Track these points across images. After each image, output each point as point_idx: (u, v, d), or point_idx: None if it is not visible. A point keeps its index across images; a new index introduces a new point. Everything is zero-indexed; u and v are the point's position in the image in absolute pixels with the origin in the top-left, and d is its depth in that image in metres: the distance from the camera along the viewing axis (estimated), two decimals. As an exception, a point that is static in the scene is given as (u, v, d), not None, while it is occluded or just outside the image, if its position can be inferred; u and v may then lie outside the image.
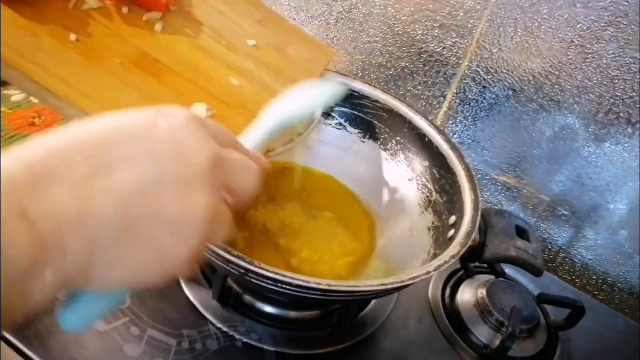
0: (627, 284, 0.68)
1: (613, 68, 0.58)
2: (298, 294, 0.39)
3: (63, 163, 0.21)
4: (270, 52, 0.53)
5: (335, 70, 0.63)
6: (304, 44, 0.58)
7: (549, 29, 0.59)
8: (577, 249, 0.70)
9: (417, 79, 0.71)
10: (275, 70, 0.52)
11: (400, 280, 0.40)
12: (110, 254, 0.22)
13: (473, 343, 0.56)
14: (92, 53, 0.41)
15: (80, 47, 0.41)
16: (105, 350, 0.44)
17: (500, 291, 0.58)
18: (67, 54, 0.40)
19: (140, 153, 0.23)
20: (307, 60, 0.57)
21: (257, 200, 0.57)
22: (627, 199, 0.64)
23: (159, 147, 0.23)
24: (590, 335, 0.61)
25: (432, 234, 0.53)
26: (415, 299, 0.58)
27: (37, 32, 0.39)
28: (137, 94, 0.39)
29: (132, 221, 0.22)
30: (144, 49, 0.44)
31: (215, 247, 0.37)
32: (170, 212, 0.23)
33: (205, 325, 0.48)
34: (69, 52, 0.40)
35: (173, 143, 0.24)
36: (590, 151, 0.63)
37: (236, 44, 0.51)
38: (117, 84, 0.41)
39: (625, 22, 0.56)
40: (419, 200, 0.57)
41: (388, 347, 0.53)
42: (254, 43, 0.53)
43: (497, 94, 0.66)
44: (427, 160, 0.58)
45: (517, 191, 0.70)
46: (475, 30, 0.64)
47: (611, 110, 0.60)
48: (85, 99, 0.38)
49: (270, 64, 0.52)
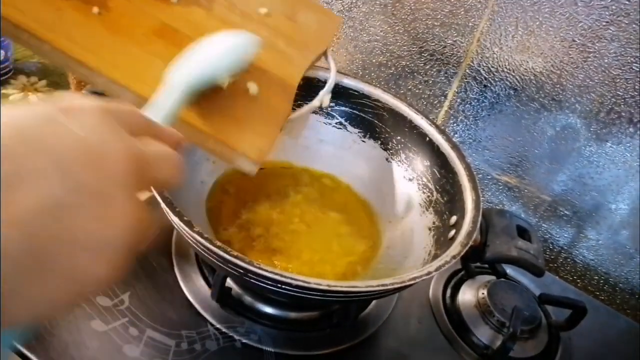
0: (629, 284, 0.68)
1: (615, 67, 0.58)
2: (298, 294, 0.39)
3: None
4: (282, 20, 0.54)
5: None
6: (312, 11, 0.59)
7: (550, 28, 0.59)
8: (578, 249, 0.70)
9: (418, 78, 0.71)
10: (288, 37, 0.53)
11: (400, 281, 0.40)
12: (14, 287, 0.18)
13: (474, 344, 0.55)
14: (115, 25, 0.42)
15: (103, 20, 0.42)
16: (104, 351, 0.44)
17: (501, 292, 0.58)
18: (92, 26, 0.41)
19: (45, 165, 0.19)
20: (317, 26, 0.57)
21: (255, 202, 0.57)
22: (628, 199, 0.64)
23: (67, 155, 0.20)
24: (592, 336, 0.61)
25: (433, 234, 0.53)
26: (416, 300, 0.58)
27: (61, 6, 0.40)
28: (162, 63, 0.40)
29: (41, 248, 0.18)
30: (163, 20, 0.45)
31: (215, 248, 0.37)
32: (86, 232, 0.20)
33: (204, 326, 0.48)
34: (94, 25, 0.41)
35: (83, 148, 0.20)
36: (592, 151, 0.63)
37: (249, 13, 0.52)
38: (142, 54, 0.42)
39: (626, 21, 0.55)
40: (419, 200, 0.57)
41: (388, 348, 0.52)
42: (266, 11, 0.53)
43: (498, 93, 0.66)
44: (428, 159, 0.57)
45: (519, 191, 0.70)
46: (476, 29, 0.63)
47: (613, 110, 0.60)
48: (115, 69, 0.39)
49: (283, 31, 0.53)
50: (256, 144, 0.42)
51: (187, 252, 0.54)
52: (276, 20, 0.54)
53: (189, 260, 0.54)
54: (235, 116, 0.43)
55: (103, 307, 0.47)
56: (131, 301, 0.48)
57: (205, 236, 0.38)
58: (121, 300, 0.48)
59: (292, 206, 0.58)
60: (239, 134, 0.42)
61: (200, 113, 0.41)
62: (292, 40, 0.53)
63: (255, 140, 0.42)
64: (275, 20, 0.54)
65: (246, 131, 0.43)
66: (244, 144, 0.42)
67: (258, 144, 0.42)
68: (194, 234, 0.37)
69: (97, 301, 0.47)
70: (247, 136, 0.42)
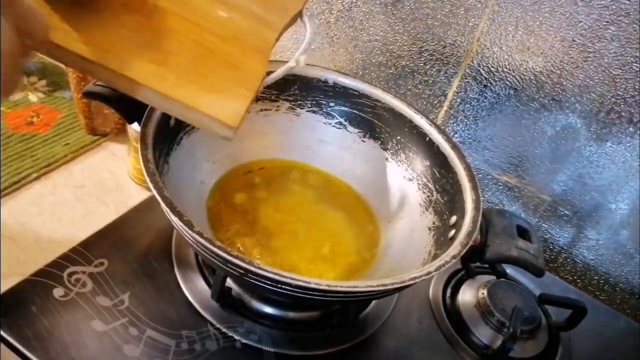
0: (629, 284, 0.68)
1: (615, 67, 0.58)
2: (298, 294, 0.39)
3: None
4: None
5: (335, 69, 0.62)
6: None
7: (550, 27, 0.59)
8: (578, 249, 0.70)
9: (418, 77, 0.71)
10: (264, 0, 0.51)
11: (400, 281, 0.40)
12: None
13: (474, 344, 0.55)
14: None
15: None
16: (104, 351, 0.44)
17: (501, 292, 0.58)
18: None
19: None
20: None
21: (255, 202, 0.57)
22: (629, 199, 0.64)
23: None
24: (592, 336, 0.61)
25: (433, 234, 0.53)
26: (416, 300, 0.58)
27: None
28: (129, 32, 0.39)
29: None
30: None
31: (215, 248, 0.37)
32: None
33: (204, 326, 0.48)
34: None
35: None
36: (592, 151, 0.63)
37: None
38: (115, 27, 0.40)
39: (627, 21, 0.55)
40: (419, 200, 0.57)
41: (388, 348, 0.52)
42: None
43: (498, 93, 0.66)
44: (428, 159, 0.57)
45: (519, 191, 0.70)
46: (476, 29, 0.63)
47: (613, 110, 0.60)
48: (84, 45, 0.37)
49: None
50: (230, 106, 0.41)
51: (187, 252, 0.54)
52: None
53: (189, 260, 0.54)
54: (205, 75, 0.42)
55: (103, 307, 0.47)
56: (131, 301, 0.48)
57: (205, 236, 0.38)
58: (121, 300, 0.48)
59: (292, 205, 0.58)
60: (210, 96, 0.40)
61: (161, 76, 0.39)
62: (269, 3, 0.51)
63: (228, 103, 0.41)
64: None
65: (219, 93, 0.41)
66: (217, 107, 0.40)
67: (232, 107, 0.41)
68: (194, 234, 0.37)
69: (97, 301, 0.47)
70: (220, 99, 0.41)
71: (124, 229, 0.56)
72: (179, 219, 0.38)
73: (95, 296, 0.48)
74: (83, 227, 0.59)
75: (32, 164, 0.66)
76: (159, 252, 0.54)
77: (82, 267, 0.50)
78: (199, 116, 0.40)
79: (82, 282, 0.49)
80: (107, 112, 0.72)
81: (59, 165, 0.68)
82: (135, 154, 0.65)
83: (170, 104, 0.39)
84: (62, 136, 0.72)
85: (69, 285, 0.48)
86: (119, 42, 0.39)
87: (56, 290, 0.47)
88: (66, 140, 0.72)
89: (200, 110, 0.39)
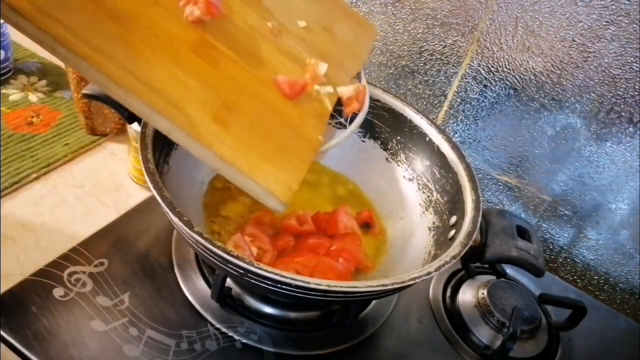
0: (629, 284, 0.68)
1: (614, 67, 0.58)
2: (298, 294, 0.39)
3: None
4: (319, 34, 0.52)
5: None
6: (349, 20, 0.57)
7: (550, 27, 0.59)
8: (578, 249, 0.70)
9: (418, 77, 0.71)
10: (323, 55, 0.51)
11: (400, 281, 0.40)
12: None
13: (474, 344, 0.55)
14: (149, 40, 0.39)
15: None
16: (105, 351, 0.44)
17: (501, 292, 0.58)
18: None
19: None
20: (353, 41, 0.56)
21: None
22: (628, 199, 0.64)
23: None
24: (592, 336, 0.61)
25: (433, 234, 0.53)
26: (416, 300, 0.58)
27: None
28: (197, 83, 0.39)
29: None
30: (202, 33, 0.43)
31: (215, 248, 0.37)
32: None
33: (204, 326, 0.48)
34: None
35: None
36: (592, 151, 0.63)
37: (288, 27, 0.50)
38: (178, 73, 0.39)
39: (626, 21, 0.55)
40: (419, 200, 0.57)
41: (389, 348, 0.52)
42: (305, 25, 0.51)
43: (498, 93, 0.66)
44: (428, 159, 0.57)
45: (519, 191, 0.70)
46: (476, 29, 0.63)
47: (613, 110, 0.60)
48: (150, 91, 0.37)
49: (319, 48, 0.51)
50: (284, 180, 0.40)
51: (187, 252, 0.54)
52: (314, 35, 0.51)
53: (189, 260, 0.54)
54: (264, 139, 0.41)
55: (103, 307, 0.47)
56: (131, 301, 0.48)
57: (205, 236, 0.38)
58: (121, 300, 0.48)
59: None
60: (266, 166, 0.40)
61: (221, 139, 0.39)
62: (327, 58, 0.50)
63: (283, 176, 0.40)
64: (314, 35, 0.51)
65: (274, 162, 0.40)
66: (271, 180, 0.39)
67: (286, 181, 0.40)
68: (194, 234, 0.37)
69: (97, 301, 0.47)
70: (275, 170, 0.40)
71: (124, 229, 0.56)
72: (179, 219, 0.38)
73: (95, 296, 0.48)
74: (83, 227, 0.59)
75: (32, 164, 0.66)
76: (159, 252, 0.54)
77: (82, 267, 0.50)
78: (254, 186, 0.39)
79: (82, 282, 0.49)
80: (107, 112, 0.72)
81: (59, 165, 0.68)
82: (135, 154, 0.65)
83: (226, 168, 0.39)
84: (62, 136, 0.72)
85: (68, 285, 0.48)
86: (182, 92, 0.39)
87: (56, 290, 0.47)
88: (66, 141, 0.72)
89: (255, 181, 0.39)
